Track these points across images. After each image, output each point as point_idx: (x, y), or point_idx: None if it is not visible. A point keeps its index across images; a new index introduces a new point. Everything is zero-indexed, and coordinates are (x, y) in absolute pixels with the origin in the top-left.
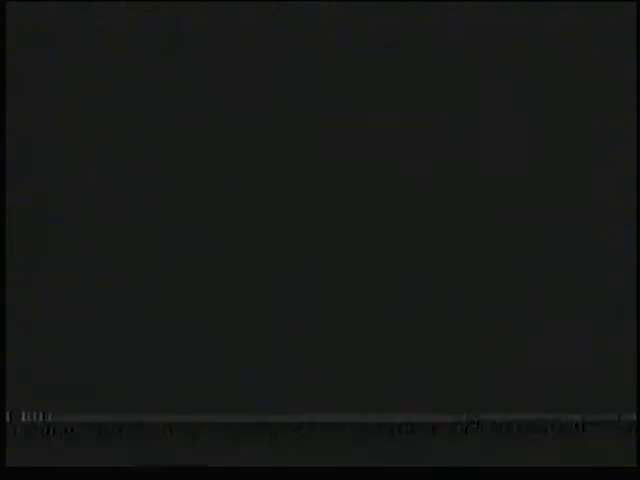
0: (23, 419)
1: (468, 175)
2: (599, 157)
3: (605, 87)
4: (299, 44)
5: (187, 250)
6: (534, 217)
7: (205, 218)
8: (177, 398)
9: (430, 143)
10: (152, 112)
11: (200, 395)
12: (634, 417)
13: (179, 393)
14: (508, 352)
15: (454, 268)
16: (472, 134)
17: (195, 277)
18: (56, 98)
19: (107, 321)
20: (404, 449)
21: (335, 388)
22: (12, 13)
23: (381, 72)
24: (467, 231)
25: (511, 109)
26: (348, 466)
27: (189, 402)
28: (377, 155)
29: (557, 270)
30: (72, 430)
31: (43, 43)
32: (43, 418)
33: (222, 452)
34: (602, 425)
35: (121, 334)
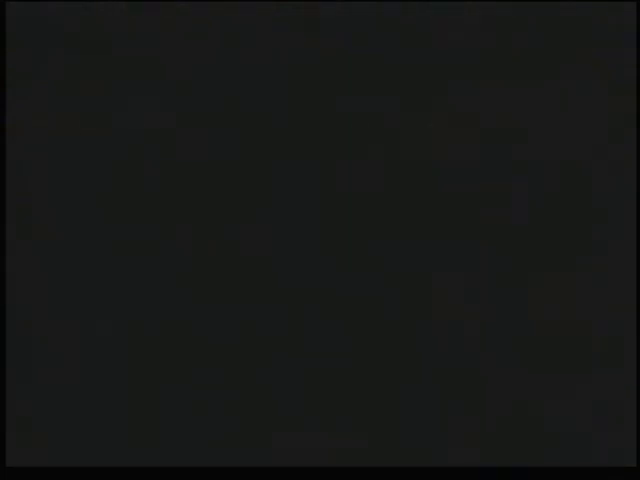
0: None
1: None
2: (598, 159)
3: (604, 87)
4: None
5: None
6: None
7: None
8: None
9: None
10: (152, 113)
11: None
12: None
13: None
14: None
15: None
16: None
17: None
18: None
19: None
20: None
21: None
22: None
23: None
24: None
25: (509, 108)
26: (348, 466)
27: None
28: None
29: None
30: None
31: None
32: None
33: None
34: None
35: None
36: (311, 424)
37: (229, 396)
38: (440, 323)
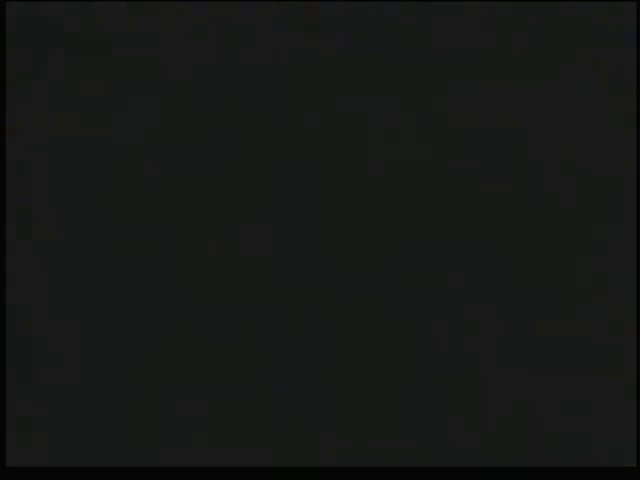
0: None
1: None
2: (598, 159)
3: (604, 87)
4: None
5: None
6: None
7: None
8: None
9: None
10: (152, 112)
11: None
12: None
13: None
14: None
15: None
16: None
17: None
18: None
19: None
20: None
21: None
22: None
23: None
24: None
25: (511, 106)
26: (348, 466)
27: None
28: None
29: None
30: None
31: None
32: None
33: None
34: None
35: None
36: (311, 424)
37: (229, 396)
38: (440, 323)
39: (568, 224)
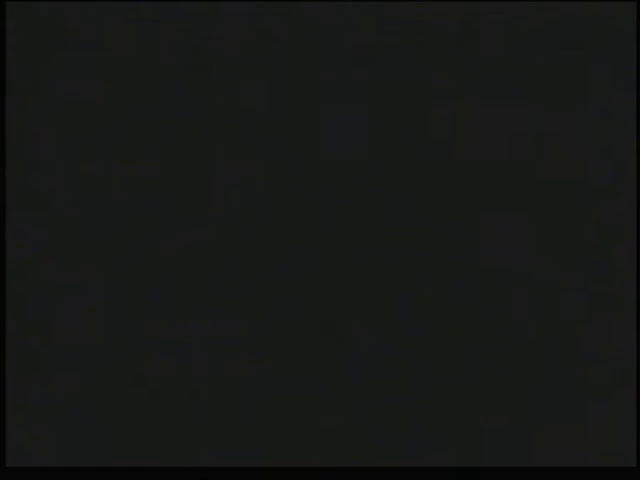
0: None
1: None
2: (598, 159)
3: (604, 87)
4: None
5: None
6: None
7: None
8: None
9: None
10: (153, 112)
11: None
12: None
13: None
14: None
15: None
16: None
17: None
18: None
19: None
20: None
21: None
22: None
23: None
24: None
25: (512, 108)
26: (348, 466)
27: None
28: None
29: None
30: None
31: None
32: None
33: None
34: None
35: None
36: (311, 424)
37: (229, 396)
38: (440, 322)
39: (568, 224)
